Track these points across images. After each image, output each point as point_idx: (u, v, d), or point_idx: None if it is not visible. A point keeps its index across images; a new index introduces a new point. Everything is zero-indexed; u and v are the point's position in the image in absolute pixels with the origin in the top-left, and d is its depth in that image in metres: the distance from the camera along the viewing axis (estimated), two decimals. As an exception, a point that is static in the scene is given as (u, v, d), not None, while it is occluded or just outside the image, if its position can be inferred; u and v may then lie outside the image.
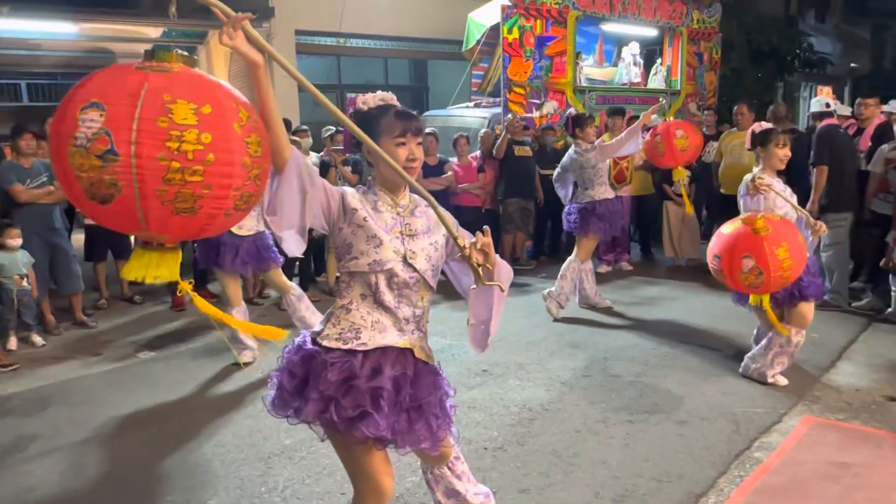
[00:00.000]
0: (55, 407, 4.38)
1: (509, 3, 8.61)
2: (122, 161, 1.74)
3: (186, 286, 2.15)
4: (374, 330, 2.13)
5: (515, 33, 8.66)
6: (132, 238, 7.29)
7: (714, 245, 4.15)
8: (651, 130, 6.58)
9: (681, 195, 7.98)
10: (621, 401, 4.22)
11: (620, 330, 5.73)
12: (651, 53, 11.26)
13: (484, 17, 9.58)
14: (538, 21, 8.88)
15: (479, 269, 2.04)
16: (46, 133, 6.60)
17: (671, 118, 7.41)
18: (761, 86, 14.98)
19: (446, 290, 2.62)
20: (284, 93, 9.63)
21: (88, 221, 6.55)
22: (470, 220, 7.67)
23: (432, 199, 2.05)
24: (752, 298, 4.18)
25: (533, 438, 3.74)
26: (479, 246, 2.03)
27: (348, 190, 2.17)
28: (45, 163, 5.88)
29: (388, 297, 2.14)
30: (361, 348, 2.11)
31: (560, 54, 9.21)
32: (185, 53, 1.97)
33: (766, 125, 4.35)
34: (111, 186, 1.77)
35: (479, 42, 9.74)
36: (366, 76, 13.21)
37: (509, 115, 8.16)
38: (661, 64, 10.93)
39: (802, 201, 4.90)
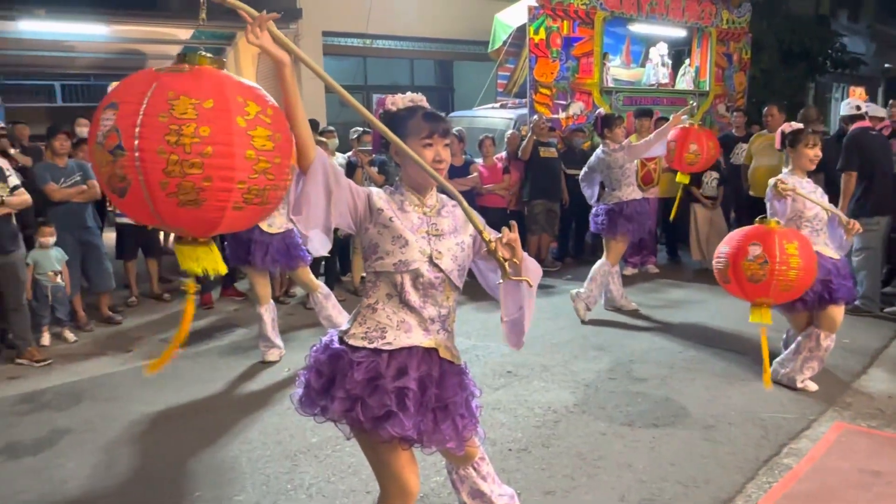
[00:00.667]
0: (87, 402, 4.47)
1: (536, 4, 8.58)
2: (128, 155, 1.85)
3: (192, 287, 2.18)
4: (400, 330, 2.15)
5: (542, 34, 8.63)
6: (161, 236, 7.43)
7: (724, 241, 4.04)
8: (674, 132, 6.50)
9: (710, 197, 7.93)
10: (647, 404, 4.19)
11: (646, 333, 5.69)
12: (679, 54, 11.16)
13: (510, 18, 9.57)
14: (565, 22, 8.84)
15: (506, 264, 2.02)
16: (75, 132, 6.73)
17: (697, 123, 7.27)
18: (792, 87, 14.77)
19: (471, 291, 2.62)
20: (311, 94, 9.72)
21: (119, 220, 6.68)
22: (495, 221, 7.49)
23: (460, 196, 2.06)
24: (751, 316, 3.90)
25: (557, 440, 3.73)
26: (504, 241, 2.02)
27: (374, 190, 2.18)
28: (79, 162, 6.02)
29: (414, 297, 2.15)
30: (387, 348, 2.12)
31: (587, 55, 9.16)
32: (210, 55, 2.02)
33: (795, 125, 4.30)
34: (122, 179, 1.89)
35: (505, 43, 9.72)
36: (392, 77, 13.26)
37: (535, 117, 8.13)
38: (689, 65, 10.81)
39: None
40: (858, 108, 6.59)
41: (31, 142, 7.71)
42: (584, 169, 6.45)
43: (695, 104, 7.99)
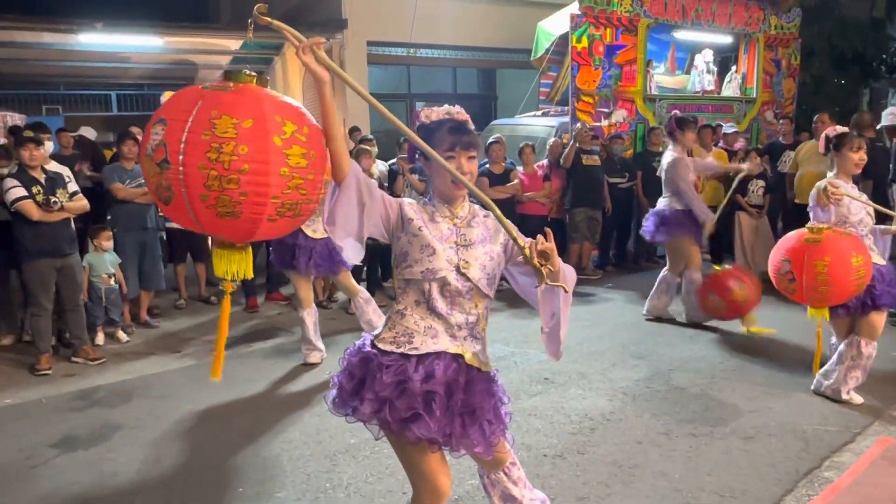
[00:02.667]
0: (137, 399, 4.65)
1: (579, 12, 8.59)
2: (172, 169, 1.99)
3: (229, 286, 2.30)
4: (427, 335, 2.21)
5: (584, 42, 8.64)
6: (209, 241, 7.66)
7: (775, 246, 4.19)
8: None
9: (755, 206, 7.78)
10: (685, 413, 4.16)
11: (687, 341, 5.63)
12: (725, 60, 11.01)
13: (553, 26, 9.59)
14: (608, 30, 8.82)
15: (542, 269, 2.04)
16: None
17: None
18: (844, 93, 14.41)
19: (510, 299, 2.67)
20: (357, 103, 9.91)
21: (169, 225, 6.90)
22: (535, 228, 7.57)
23: (493, 204, 2.11)
24: (809, 312, 4.06)
25: (593, 448, 3.73)
26: (539, 247, 2.05)
27: (406, 201, 2.27)
28: None
29: (441, 305, 2.21)
30: (414, 353, 2.19)
31: (630, 63, 9.12)
32: (254, 73, 2.17)
33: (840, 129, 4.24)
34: (167, 190, 2.03)
35: (547, 51, 9.75)
36: (435, 85, 13.39)
37: (578, 125, 8.13)
38: (735, 71, 10.66)
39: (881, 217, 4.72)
40: None
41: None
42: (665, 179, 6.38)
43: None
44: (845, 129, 4.26)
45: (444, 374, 2.19)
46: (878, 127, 6.74)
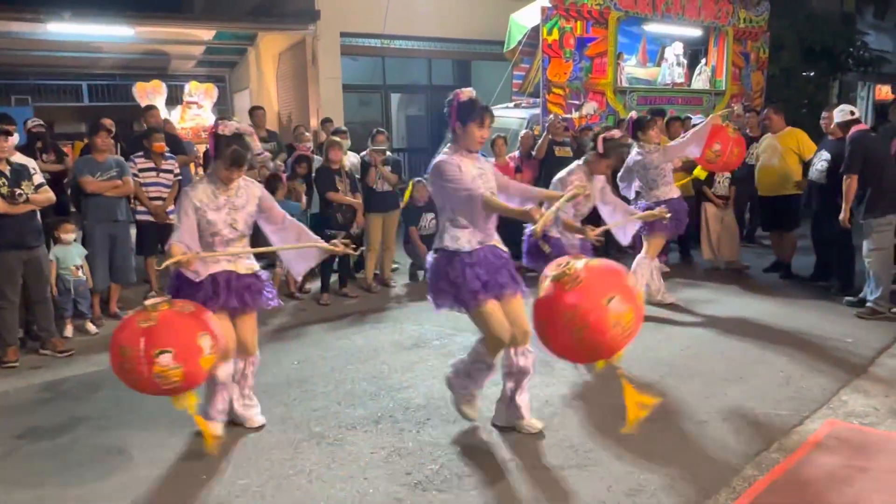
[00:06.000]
0: (105, 391, 4.66)
1: (549, 5, 8.67)
2: None
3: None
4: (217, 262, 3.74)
5: (555, 34, 8.72)
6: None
7: None
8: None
9: (721, 197, 7.94)
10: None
11: (652, 331, 5.73)
12: (696, 53, 11.16)
13: (525, 19, 9.67)
14: (578, 22, 8.92)
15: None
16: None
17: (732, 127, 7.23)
18: (813, 86, 14.65)
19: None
20: (330, 94, 9.92)
21: (140, 217, 6.87)
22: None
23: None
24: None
25: (552, 432, 3.83)
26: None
27: (194, 200, 3.61)
28: (117, 159, 6.31)
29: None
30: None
31: (601, 55, 9.23)
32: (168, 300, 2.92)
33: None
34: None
35: (520, 43, 9.82)
36: (410, 77, 13.40)
37: (551, 116, 8.21)
38: (705, 64, 10.81)
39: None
40: (853, 112, 6.50)
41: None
42: (622, 170, 6.54)
43: (735, 108, 7.91)
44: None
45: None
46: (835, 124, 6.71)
